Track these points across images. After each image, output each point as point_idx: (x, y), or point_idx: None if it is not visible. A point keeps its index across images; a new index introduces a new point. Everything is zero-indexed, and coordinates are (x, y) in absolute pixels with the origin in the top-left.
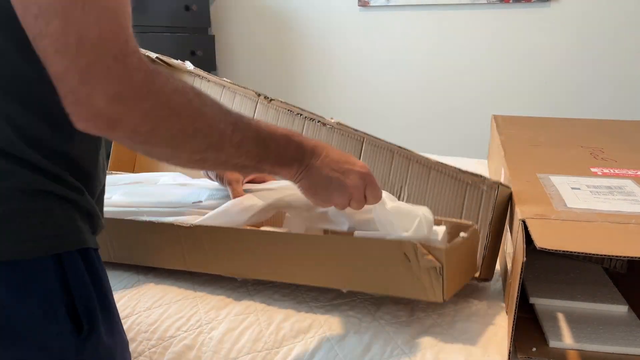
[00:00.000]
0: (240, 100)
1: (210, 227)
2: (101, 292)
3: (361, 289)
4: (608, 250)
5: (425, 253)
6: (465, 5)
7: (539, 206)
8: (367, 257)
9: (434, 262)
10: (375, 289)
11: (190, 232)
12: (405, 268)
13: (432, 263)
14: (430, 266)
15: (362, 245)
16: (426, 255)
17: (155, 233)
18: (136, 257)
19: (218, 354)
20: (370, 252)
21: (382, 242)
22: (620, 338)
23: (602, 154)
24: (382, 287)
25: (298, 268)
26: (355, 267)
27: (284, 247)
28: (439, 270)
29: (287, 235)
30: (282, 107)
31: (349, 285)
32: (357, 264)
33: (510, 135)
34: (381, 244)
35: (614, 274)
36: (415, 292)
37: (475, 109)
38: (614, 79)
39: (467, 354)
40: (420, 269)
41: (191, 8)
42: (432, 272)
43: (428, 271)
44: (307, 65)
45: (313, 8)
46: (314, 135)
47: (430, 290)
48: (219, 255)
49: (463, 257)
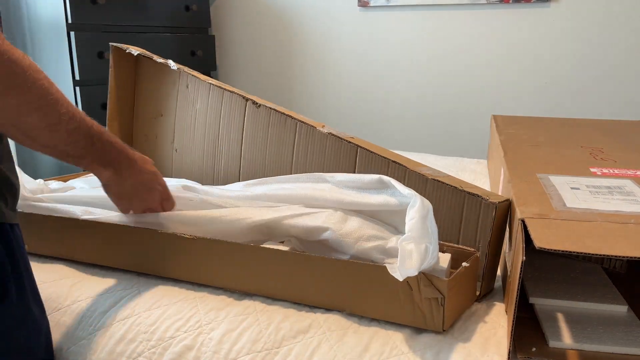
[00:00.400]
0: (229, 99)
1: (213, 241)
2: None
3: (361, 313)
4: (608, 250)
5: (427, 284)
6: (465, 5)
7: (538, 206)
8: (369, 282)
9: (435, 292)
10: (376, 314)
11: (192, 244)
12: (406, 296)
13: (434, 293)
14: (431, 296)
15: (365, 270)
16: (428, 286)
17: (157, 242)
18: (137, 265)
19: (218, 354)
20: (373, 278)
21: (385, 269)
22: (620, 338)
23: (601, 154)
24: (382, 313)
25: (299, 287)
26: (356, 291)
27: (287, 266)
28: (441, 301)
29: (291, 255)
30: (272, 110)
31: (349, 309)
32: (359, 288)
33: (510, 135)
34: (384, 271)
35: (614, 274)
36: (415, 320)
37: (475, 109)
38: (614, 79)
39: (466, 353)
40: (421, 298)
41: (191, 8)
42: (433, 302)
43: (429, 301)
44: (307, 65)
45: (313, 8)
46: (307, 141)
47: (430, 319)
48: (220, 269)
49: (464, 286)
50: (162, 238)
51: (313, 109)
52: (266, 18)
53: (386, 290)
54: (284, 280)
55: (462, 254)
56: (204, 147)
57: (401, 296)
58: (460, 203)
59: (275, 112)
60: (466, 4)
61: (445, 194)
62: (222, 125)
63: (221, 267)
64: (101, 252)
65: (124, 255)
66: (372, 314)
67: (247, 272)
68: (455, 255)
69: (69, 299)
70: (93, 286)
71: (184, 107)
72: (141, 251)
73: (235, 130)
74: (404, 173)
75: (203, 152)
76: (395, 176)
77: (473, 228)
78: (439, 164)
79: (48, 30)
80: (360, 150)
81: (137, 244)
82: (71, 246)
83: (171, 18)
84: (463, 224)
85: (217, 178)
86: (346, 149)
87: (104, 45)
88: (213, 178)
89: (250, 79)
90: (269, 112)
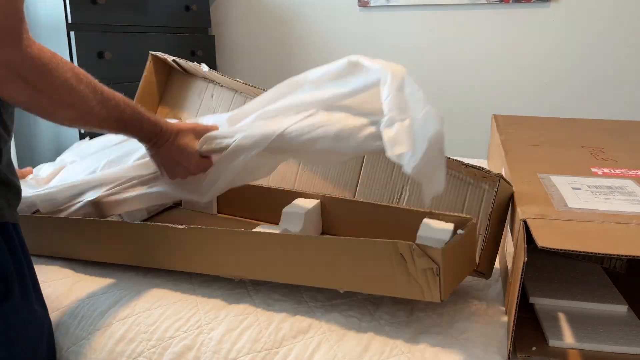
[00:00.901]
0: None
1: (206, 229)
2: (17, 262)
3: (358, 289)
4: (608, 250)
5: (421, 254)
6: (465, 5)
7: (539, 206)
8: (363, 257)
9: (430, 263)
10: (372, 289)
11: (184, 233)
12: (401, 269)
13: (428, 264)
14: (426, 267)
15: (358, 246)
16: (422, 256)
17: (149, 234)
18: (133, 258)
19: (218, 354)
20: (366, 253)
21: (378, 243)
22: (619, 337)
23: (602, 154)
24: (379, 287)
25: (295, 269)
26: (351, 267)
27: (280, 248)
28: (436, 270)
29: (284, 237)
30: None
31: (346, 286)
32: (354, 264)
33: (510, 135)
34: (377, 245)
35: (614, 274)
36: (412, 292)
37: (475, 109)
38: (614, 79)
39: (466, 353)
40: (416, 269)
41: (191, 8)
42: (428, 273)
43: (424, 272)
44: (307, 65)
45: (313, 8)
46: None
47: (427, 290)
48: (216, 257)
49: (461, 255)
50: (155, 230)
51: None
52: (266, 18)
53: (380, 264)
54: (278, 263)
55: (459, 221)
56: None
57: (396, 269)
58: (464, 185)
59: None
60: (466, 4)
61: (449, 180)
62: None
63: (215, 255)
64: (97, 248)
65: (119, 250)
66: (369, 289)
67: (240, 258)
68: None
69: (69, 299)
70: (93, 286)
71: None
72: (136, 244)
73: None
74: None
75: None
76: None
77: (475, 212)
78: None
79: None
80: None
81: (130, 238)
82: (69, 245)
83: (171, 18)
84: (465, 209)
85: None
86: None
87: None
88: None
89: (250, 79)
90: None
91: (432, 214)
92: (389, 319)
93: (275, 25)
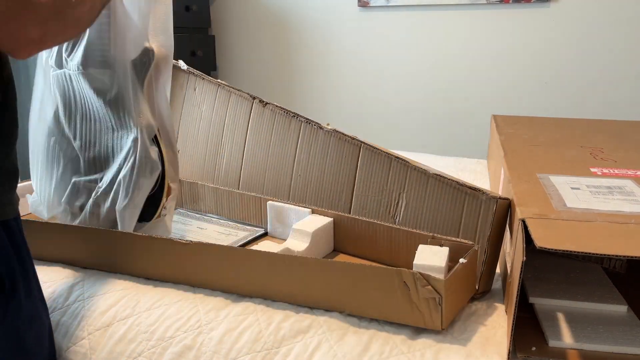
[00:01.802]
0: (236, 100)
1: (208, 245)
2: (20, 258)
3: (359, 313)
4: (608, 250)
5: (424, 283)
6: (465, 5)
7: (538, 206)
8: (367, 283)
9: (433, 292)
10: (374, 314)
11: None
12: (404, 296)
13: (431, 294)
14: (429, 296)
15: (361, 271)
16: (426, 286)
17: (152, 247)
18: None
19: (218, 354)
20: (369, 279)
21: (382, 270)
22: (619, 338)
23: (601, 154)
24: (380, 312)
25: (297, 290)
26: (353, 292)
27: (283, 269)
28: (438, 300)
29: (287, 258)
30: (277, 110)
31: (347, 309)
32: (356, 289)
33: (510, 135)
34: (380, 272)
35: (614, 274)
36: (414, 319)
37: (475, 109)
38: (614, 79)
39: (466, 353)
40: (419, 298)
41: (191, 8)
42: (431, 302)
43: (427, 301)
44: (306, 65)
45: (313, 8)
46: (311, 139)
47: (428, 318)
48: (216, 274)
49: (462, 283)
50: (157, 243)
51: (312, 108)
52: (266, 18)
53: (384, 291)
54: (280, 283)
55: (460, 247)
56: (207, 146)
57: (399, 296)
58: (461, 199)
59: (280, 111)
60: (466, 4)
61: (446, 189)
62: (226, 124)
63: (216, 271)
64: (97, 258)
65: (120, 261)
66: (371, 314)
67: (242, 276)
68: (453, 249)
69: (69, 299)
70: (93, 286)
71: (189, 109)
72: (135, 257)
73: (240, 130)
74: (406, 170)
75: (205, 151)
76: (398, 173)
77: (473, 224)
78: (439, 164)
79: None
80: (363, 147)
81: (129, 250)
82: (69, 251)
83: None
84: (463, 220)
85: (217, 177)
86: (349, 146)
87: None
88: (214, 177)
89: (250, 79)
90: (274, 112)
91: (434, 237)
92: None
93: (275, 25)
